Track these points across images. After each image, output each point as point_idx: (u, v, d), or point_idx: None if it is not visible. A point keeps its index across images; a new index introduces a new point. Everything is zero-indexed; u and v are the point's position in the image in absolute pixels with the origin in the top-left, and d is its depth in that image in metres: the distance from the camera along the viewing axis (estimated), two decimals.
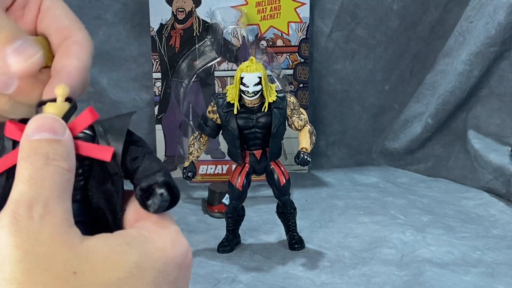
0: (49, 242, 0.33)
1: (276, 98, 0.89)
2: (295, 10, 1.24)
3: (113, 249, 0.34)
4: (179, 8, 1.21)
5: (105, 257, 0.33)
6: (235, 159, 0.92)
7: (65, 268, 0.32)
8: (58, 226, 0.33)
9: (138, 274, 0.34)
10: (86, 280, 0.32)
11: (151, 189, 0.39)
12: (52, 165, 0.35)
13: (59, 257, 0.32)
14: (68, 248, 0.33)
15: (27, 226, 0.32)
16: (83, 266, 0.33)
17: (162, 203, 0.38)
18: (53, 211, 0.34)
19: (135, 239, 0.36)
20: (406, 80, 1.34)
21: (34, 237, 0.32)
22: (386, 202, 1.13)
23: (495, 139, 1.22)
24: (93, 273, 0.33)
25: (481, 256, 0.92)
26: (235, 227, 0.97)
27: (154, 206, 0.38)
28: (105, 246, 0.34)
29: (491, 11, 1.17)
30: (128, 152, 0.40)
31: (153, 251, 0.35)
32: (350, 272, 0.88)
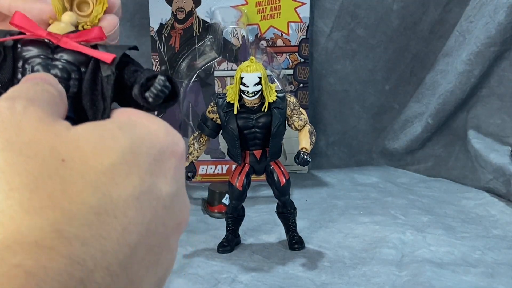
0: (33, 130, 0.30)
1: (276, 98, 0.89)
2: (295, 10, 1.24)
3: (104, 135, 0.31)
4: (179, 8, 1.21)
5: (96, 142, 0.31)
6: (235, 159, 0.92)
7: (51, 155, 0.30)
8: (42, 117, 0.31)
9: (132, 160, 0.31)
10: (76, 167, 0.30)
11: (150, 82, 0.38)
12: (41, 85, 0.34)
13: (44, 144, 0.30)
14: (54, 135, 0.31)
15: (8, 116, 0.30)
16: (72, 153, 0.30)
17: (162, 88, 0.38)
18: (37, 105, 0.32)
19: (127, 124, 0.33)
20: (406, 80, 1.34)
21: (16, 125, 0.30)
22: (386, 202, 1.13)
23: (495, 139, 1.22)
24: (83, 159, 0.30)
25: (481, 256, 0.92)
26: (235, 227, 0.97)
27: (154, 91, 0.38)
28: (95, 132, 0.32)
29: (491, 11, 1.17)
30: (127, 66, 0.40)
31: (147, 136, 0.33)
32: (350, 272, 0.88)
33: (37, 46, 0.40)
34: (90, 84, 0.39)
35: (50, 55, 0.40)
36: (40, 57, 0.39)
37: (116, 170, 0.30)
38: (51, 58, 0.40)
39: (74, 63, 0.40)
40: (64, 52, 0.40)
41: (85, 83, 0.39)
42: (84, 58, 0.40)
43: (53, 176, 0.29)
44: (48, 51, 0.40)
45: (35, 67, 0.39)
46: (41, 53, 0.40)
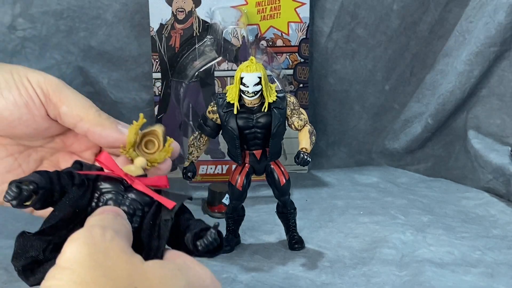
0: (116, 258, 0.37)
1: (276, 98, 0.89)
2: (295, 10, 1.24)
3: (168, 273, 0.39)
4: (179, 8, 1.21)
5: (161, 277, 0.38)
6: (235, 159, 0.92)
7: (128, 281, 0.36)
8: (124, 248, 0.39)
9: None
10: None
11: (202, 232, 0.45)
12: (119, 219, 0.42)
13: (124, 271, 0.37)
14: (131, 265, 0.38)
15: (100, 242, 0.38)
16: (143, 283, 0.37)
17: (213, 241, 0.44)
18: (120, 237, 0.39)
19: (184, 267, 0.41)
20: (406, 80, 1.34)
21: (104, 251, 0.37)
22: (386, 202, 1.13)
23: (495, 139, 1.22)
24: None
25: (481, 256, 0.92)
26: (235, 227, 0.97)
27: (204, 242, 0.45)
28: (162, 269, 0.39)
29: (491, 11, 1.17)
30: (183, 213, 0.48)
31: (197, 280, 0.41)
32: (350, 272, 0.88)
33: (112, 183, 0.48)
34: (150, 224, 0.46)
35: (122, 192, 0.48)
36: (113, 192, 0.47)
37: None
38: (122, 194, 0.47)
39: (140, 202, 0.47)
40: (133, 192, 0.47)
41: (146, 222, 0.46)
42: (149, 200, 0.47)
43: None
44: (121, 188, 0.48)
45: (108, 201, 0.47)
46: (115, 189, 0.48)
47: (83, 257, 0.36)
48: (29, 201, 0.45)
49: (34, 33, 1.21)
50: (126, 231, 0.42)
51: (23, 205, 0.45)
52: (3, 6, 1.20)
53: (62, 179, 0.47)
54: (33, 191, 0.45)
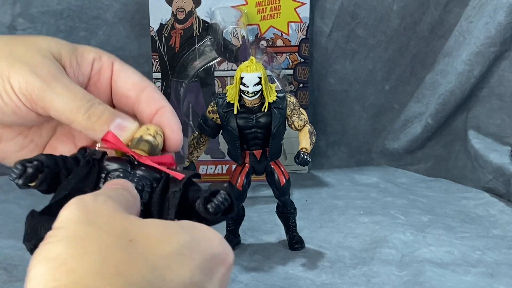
0: (109, 216, 0.37)
1: (276, 98, 0.89)
2: (295, 10, 1.24)
3: (168, 228, 0.37)
4: (179, 8, 1.21)
5: (161, 232, 0.37)
6: (235, 159, 0.92)
7: (123, 234, 0.35)
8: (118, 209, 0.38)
9: (188, 254, 0.37)
10: (141, 248, 0.35)
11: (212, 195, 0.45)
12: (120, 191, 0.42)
13: (118, 225, 0.36)
14: (127, 221, 0.37)
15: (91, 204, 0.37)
16: (139, 236, 0.36)
17: (223, 201, 0.44)
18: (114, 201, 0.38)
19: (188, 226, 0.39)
20: (406, 80, 1.34)
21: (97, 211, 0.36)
22: (386, 202, 1.13)
23: (495, 139, 1.22)
24: (147, 243, 0.35)
25: (481, 256, 0.92)
26: (235, 227, 0.97)
27: (214, 205, 0.44)
28: (161, 225, 0.38)
29: (491, 11, 1.17)
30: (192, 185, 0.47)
31: (203, 240, 0.39)
32: (350, 272, 0.88)
33: (119, 162, 0.48)
34: (160, 198, 0.46)
35: (129, 170, 0.47)
36: (120, 170, 0.47)
37: (173, 258, 0.36)
38: (130, 172, 0.47)
39: (148, 178, 0.47)
40: (141, 169, 0.47)
41: (155, 196, 0.46)
42: (157, 176, 0.47)
43: (122, 251, 0.34)
44: (128, 167, 0.47)
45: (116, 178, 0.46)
46: (122, 167, 0.47)
47: (76, 216, 0.36)
48: (34, 181, 0.45)
49: (34, 33, 1.21)
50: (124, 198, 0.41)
51: (28, 185, 0.45)
52: (3, 6, 1.20)
53: (68, 163, 0.46)
54: (37, 169, 0.44)
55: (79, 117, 0.49)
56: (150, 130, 0.50)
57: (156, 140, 0.50)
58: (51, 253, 0.34)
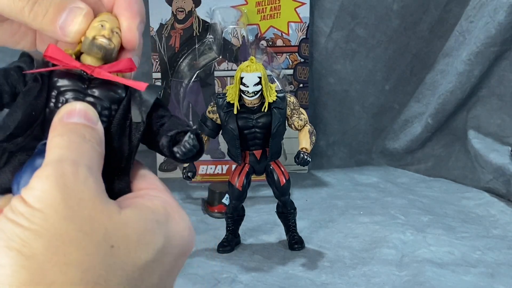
0: (92, 205, 0.34)
1: (276, 98, 0.89)
2: (295, 10, 1.24)
3: (146, 227, 0.35)
4: (179, 8, 1.21)
5: (139, 234, 0.35)
6: (235, 159, 0.92)
7: (104, 239, 0.33)
8: (99, 192, 0.35)
9: (161, 259, 0.35)
10: (120, 257, 0.33)
11: (179, 137, 0.40)
12: (88, 143, 0.37)
13: (100, 224, 0.33)
14: (108, 217, 0.34)
15: (73, 183, 0.33)
16: (120, 241, 0.34)
17: (192, 148, 0.39)
18: (94, 177, 0.35)
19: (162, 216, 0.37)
20: (406, 80, 1.34)
21: (79, 196, 0.33)
22: (386, 202, 1.13)
23: (495, 139, 1.22)
24: (127, 251, 0.34)
25: (481, 256, 0.92)
26: (235, 227, 0.97)
27: (183, 150, 0.39)
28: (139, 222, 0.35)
29: (491, 11, 1.17)
30: (156, 110, 0.41)
31: (175, 235, 0.37)
32: (350, 272, 0.88)
33: (71, 79, 0.41)
34: (120, 126, 0.40)
35: (84, 90, 0.40)
36: (74, 90, 0.40)
37: (147, 267, 0.35)
38: (83, 92, 0.40)
39: (105, 100, 0.40)
40: (97, 88, 0.41)
41: (115, 124, 0.40)
42: (116, 96, 0.41)
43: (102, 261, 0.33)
44: (83, 85, 0.41)
45: (69, 100, 0.40)
46: (74, 86, 0.40)
47: (58, 203, 0.33)
48: None
49: None
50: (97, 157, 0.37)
51: None
52: None
53: (11, 77, 0.40)
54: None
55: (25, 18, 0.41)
56: (105, 27, 0.41)
57: (111, 43, 0.41)
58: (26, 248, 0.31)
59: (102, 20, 0.41)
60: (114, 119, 0.40)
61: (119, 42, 0.42)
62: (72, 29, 0.41)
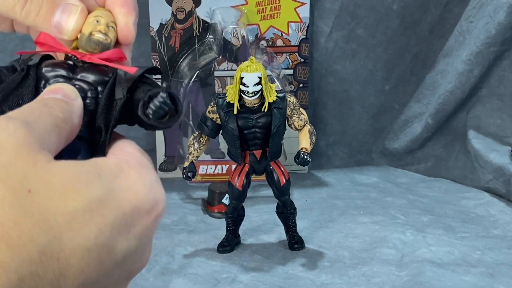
0: (14, 152, 0.31)
1: (276, 98, 0.89)
2: (295, 10, 1.24)
3: (79, 177, 0.32)
4: (179, 8, 1.21)
5: (68, 182, 0.31)
6: (235, 159, 0.92)
7: (21, 183, 0.30)
8: (27, 143, 0.31)
9: (98, 210, 0.31)
10: (39, 202, 0.30)
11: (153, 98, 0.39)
12: (47, 108, 0.35)
13: (19, 170, 0.30)
14: (30, 164, 0.31)
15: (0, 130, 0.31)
16: (40, 187, 0.30)
17: (162, 105, 0.38)
18: (30, 131, 0.32)
19: (110, 170, 0.33)
20: (406, 80, 1.34)
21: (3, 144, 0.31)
22: (386, 202, 1.13)
23: (495, 139, 1.22)
24: (48, 195, 0.30)
25: (481, 256, 0.92)
26: (235, 227, 0.97)
27: (154, 108, 0.38)
28: (71, 172, 0.32)
29: (491, 11, 1.17)
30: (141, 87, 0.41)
31: (124, 190, 0.33)
32: (350, 272, 0.88)
33: (58, 67, 0.41)
34: (106, 106, 0.40)
35: (71, 76, 0.41)
36: (61, 76, 0.40)
37: (77, 216, 0.30)
38: (70, 78, 0.40)
39: (91, 83, 0.40)
40: (84, 72, 0.41)
41: (101, 104, 0.40)
42: (101, 79, 0.41)
43: (15, 205, 0.29)
44: (69, 72, 0.41)
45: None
46: (62, 73, 0.40)
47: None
48: None
49: None
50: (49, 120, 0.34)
51: None
52: None
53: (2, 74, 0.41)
54: None
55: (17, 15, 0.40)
56: (100, 23, 0.41)
57: (108, 38, 0.41)
58: None
59: (97, 16, 0.41)
60: (101, 99, 0.40)
61: (115, 37, 0.42)
62: (69, 27, 0.40)
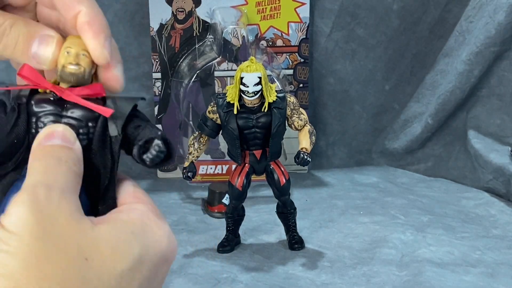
0: (65, 224, 0.35)
1: (276, 98, 0.89)
2: (295, 10, 1.24)
3: (120, 238, 0.37)
4: (179, 8, 1.21)
5: (113, 246, 0.36)
6: (235, 159, 0.92)
7: (78, 252, 0.34)
8: (72, 212, 0.36)
9: (138, 267, 0.37)
10: (95, 268, 0.35)
11: (148, 144, 0.41)
12: (64, 165, 0.38)
13: (73, 240, 0.35)
14: (81, 233, 0.35)
15: (46, 206, 0.35)
16: (94, 254, 0.35)
17: (158, 153, 0.41)
18: (68, 198, 0.36)
19: (138, 227, 0.38)
20: (406, 80, 1.34)
21: (52, 217, 0.35)
22: (386, 202, 1.13)
23: (495, 139, 1.22)
24: (101, 261, 0.35)
25: (481, 256, 0.92)
26: (235, 227, 0.97)
27: (150, 156, 0.41)
28: (113, 234, 0.37)
29: (491, 11, 1.17)
30: (131, 122, 0.43)
31: (153, 244, 0.38)
32: (350, 272, 0.88)
33: (48, 104, 0.42)
34: (100, 142, 0.42)
35: (60, 112, 0.42)
36: (51, 114, 0.42)
37: (124, 275, 0.36)
38: (60, 115, 0.42)
39: (81, 120, 0.42)
40: (74, 108, 0.42)
41: (95, 141, 0.42)
42: (91, 115, 0.42)
43: (77, 274, 0.34)
44: (59, 108, 0.42)
45: (47, 123, 0.41)
46: (52, 110, 0.42)
47: (31, 225, 0.34)
48: None
49: None
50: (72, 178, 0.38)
51: None
52: None
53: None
54: None
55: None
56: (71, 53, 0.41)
57: (80, 67, 0.42)
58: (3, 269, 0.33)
59: (67, 47, 0.42)
60: (94, 136, 0.42)
61: (90, 62, 0.42)
62: (47, 57, 0.41)
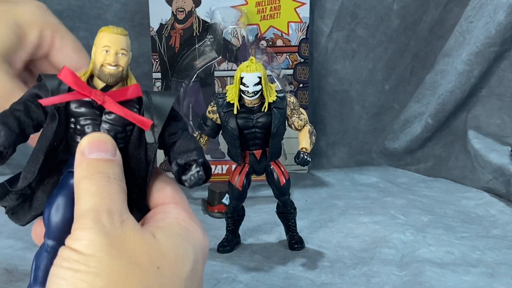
0: (132, 240, 0.39)
1: (276, 98, 0.89)
2: (295, 10, 1.24)
3: (175, 243, 0.41)
4: (179, 8, 1.21)
5: (175, 251, 0.40)
6: (235, 159, 0.92)
7: (150, 263, 0.39)
8: (133, 228, 0.40)
9: (195, 268, 0.41)
10: (167, 275, 0.39)
11: (187, 165, 0.44)
12: (114, 183, 0.42)
13: (144, 253, 0.39)
14: (148, 245, 0.40)
15: (113, 230, 0.39)
16: (163, 261, 0.39)
17: (199, 181, 0.44)
18: (126, 219, 0.41)
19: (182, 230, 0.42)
20: (406, 80, 1.34)
21: (120, 237, 0.39)
22: (386, 202, 1.13)
23: (495, 139, 1.22)
24: (170, 267, 0.40)
25: (481, 256, 0.92)
26: (235, 227, 0.97)
27: (190, 183, 0.44)
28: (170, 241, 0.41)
29: (491, 11, 1.17)
30: (168, 127, 0.45)
31: (198, 244, 0.43)
32: (350, 272, 0.88)
33: (86, 106, 0.44)
34: (136, 147, 0.44)
35: (98, 116, 0.44)
36: (89, 118, 0.44)
37: (189, 276, 0.41)
38: (98, 119, 0.44)
39: (119, 124, 0.44)
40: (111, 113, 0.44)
41: (131, 145, 0.44)
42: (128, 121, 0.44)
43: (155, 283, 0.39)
44: (97, 112, 0.44)
45: (85, 127, 0.44)
46: (90, 114, 0.44)
47: (106, 247, 0.38)
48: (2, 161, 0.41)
49: None
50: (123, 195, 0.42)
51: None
52: None
53: (32, 113, 0.43)
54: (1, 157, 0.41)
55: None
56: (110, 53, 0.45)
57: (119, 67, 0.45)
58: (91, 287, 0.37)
59: (105, 46, 0.44)
60: (130, 139, 0.44)
61: (127, 60, 0.46)
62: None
